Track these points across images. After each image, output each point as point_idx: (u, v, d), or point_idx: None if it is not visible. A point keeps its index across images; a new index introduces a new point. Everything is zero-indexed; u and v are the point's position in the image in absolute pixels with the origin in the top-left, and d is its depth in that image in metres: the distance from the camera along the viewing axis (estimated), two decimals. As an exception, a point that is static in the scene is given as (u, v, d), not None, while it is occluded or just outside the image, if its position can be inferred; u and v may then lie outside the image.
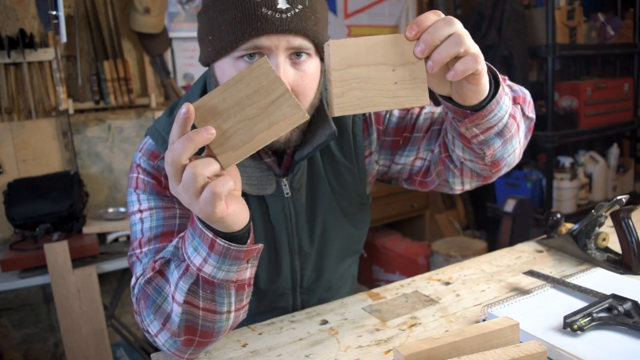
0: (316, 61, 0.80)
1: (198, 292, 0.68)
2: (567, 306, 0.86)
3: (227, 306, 0.70)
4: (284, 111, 0.60)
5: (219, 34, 0.76)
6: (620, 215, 1.01)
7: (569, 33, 2.83)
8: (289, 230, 0.93)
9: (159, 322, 0.72)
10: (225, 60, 0.78)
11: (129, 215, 0.88)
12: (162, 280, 0.72)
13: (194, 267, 0.66)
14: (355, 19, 3.09)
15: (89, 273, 1.87)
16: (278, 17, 0.72)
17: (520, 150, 0.87)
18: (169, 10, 2.46)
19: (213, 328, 0.72)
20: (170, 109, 0.92)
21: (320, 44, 0.78)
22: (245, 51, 0.74)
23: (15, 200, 2.00)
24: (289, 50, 0.75)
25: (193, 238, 0.66)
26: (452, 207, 3.54)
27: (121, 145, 2.42)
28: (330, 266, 1.00)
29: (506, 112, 0.73)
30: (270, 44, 0.73)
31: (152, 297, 0.72)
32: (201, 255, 0.65)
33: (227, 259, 0.65)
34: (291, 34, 0.73)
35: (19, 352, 2.27)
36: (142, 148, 0.90)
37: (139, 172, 0.87)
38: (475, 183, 0.92)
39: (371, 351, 0.79)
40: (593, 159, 3.17)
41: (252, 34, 0.72)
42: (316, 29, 0.76)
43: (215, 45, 0.77)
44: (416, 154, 0.96)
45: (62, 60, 2.21)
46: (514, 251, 1.19)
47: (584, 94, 3.00)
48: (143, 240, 0.82)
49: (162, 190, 0.85)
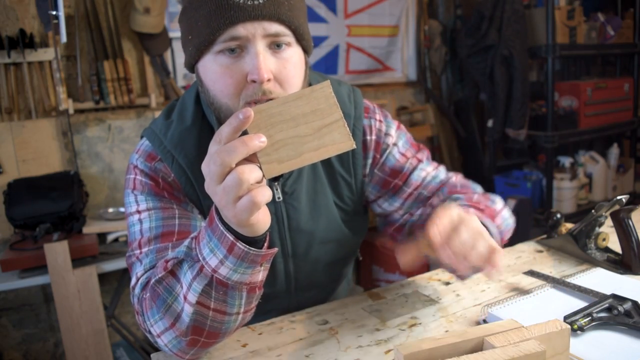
0: (298, 50, 0.80)
1: (211, 293, 0.68)
2: (567, 306, 0.86)
3: (237, 308, 0.71)
4: (334, 137, 0.62)
5: (197, 31, 0.76)
6: (620, 215, 1.01)
7: (569, 33, 2.83)
8: (282, 233, 0.92)
9: (167, 322, 0.72)
10: (206, 57, 0.78)
11: (126, 217, 0.87)
12: (173, 280, 0.72)
13: (208, 269, 0.66)
14: (355, 19, 3.09)
15: (89, 273, 1.87)
16: (250, 4, 0.72)
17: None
18: (169, 10, 2.46)
19: (220, 329, 0.72)
20: (167, 112, 0.92)
21: (298, 31, 0.78)
22: (224, 44, 0.74)
23: (15, 200, 2.00)
24: (267, 38, 0.75)
25: (210, 239, 0.66)
26: (452, 207, 3.54)
27: (121, 145, 2.42)
28: (325, 269, 1.00)
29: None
30: (246, 33, 0.73)
31: (163, 297, 0.72)
32: (218, 257, 0.65)
33: (245, 262, 0.66)
34: (265, 19, 0.73)
35: (19, 352, 2.27)
36: (138, 149, 0.90)
37: (136, 173, 0.87)
38: None
39: (371, 351, 0.79)
40: (593, 159, 3.17)
41: (227, 23, 0.72)
42: (290, 14, 0.76)
43: (195, 43, 0.77)
44: (399, 207, 0.99)
45: (62, 60, 2.21)
46: (514, 251, 1.19)
47: (584, 94, 3.00)
48: (143, 240, 0.82)
49: (160, 192, 0.85)
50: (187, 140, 0.85)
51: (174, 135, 0.86)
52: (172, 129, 0.87)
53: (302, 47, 0.82)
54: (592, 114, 3.06)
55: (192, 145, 0.85)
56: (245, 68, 0.75)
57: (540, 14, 2.82)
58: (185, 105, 0.90)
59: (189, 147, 0.85)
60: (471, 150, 3.51)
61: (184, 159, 0.84)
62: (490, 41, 2.86)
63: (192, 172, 0.85)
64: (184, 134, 0.86)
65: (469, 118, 3.46)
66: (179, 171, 0.85)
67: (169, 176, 0.86)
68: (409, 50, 3.38)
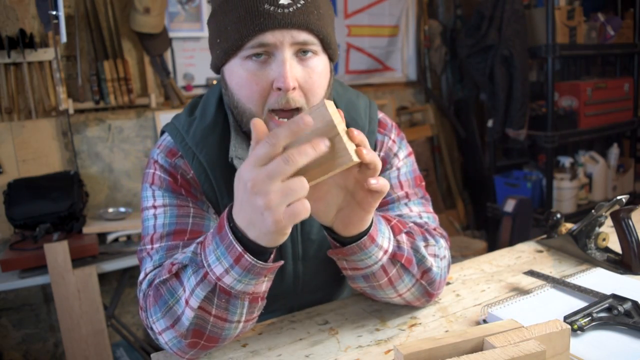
0: (324, 59, 0.81)
1: (213, 299, 0.68)
2: (567, 306, 0.86)
3: (239, 316, 0.71)
4: (334, 154, 0.61)
5: (225, 35, 0.76)
6: (620, 215, 1.01)
7: (569, 33, 2.83)
8: (295, 238, 0.92)
9: (167, 323, 0.72)
10: (233, 61, 0.78)
11: (141, 210, 0.87)
12: (176, 282, 0.72)
13: (212, 276, 0.66)
14: (355, 19, 3.10)
15: (89, 273, 1.87)
16: (280, 12, 0.73)
17: (407, 301, 0.87)
18: (169, 10, 2.46)
19: (220, 334, 0.73)
20: (190, 108, 0.92)
21: (325, 40, 0.78)
22: (251, 49, 0.75)
23: (15, 200, 2.00)
24: (295, 46, 0.75)
25: (217, 247, 0.66)
26: (452, 207, 3.54)
27: (121, 145, 2.42)
28: (332, 272, 1.00)
29: (375, 263, 0.76)
30: (275, 40, 0.74)
31: (165, 298, 0.72)
32: (223, 265, 0.65)
33: (250, 274, 0.66)
34: (294, 28, 0.74)
35: (19, 352, 2.27)
36: (160, 145, 0.90)
37: (155, 168, 0.87)
38: None
39: (371, 351, 0.79)
40: (593, 159, 3.17)
41: (257, 30, 0.73)
42: (319, 23, 0.77)
43: (223, 47, 0.77)
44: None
45: (62, 60, 2.21)
46: (514, 251, 1.19)
47: (584, 94, 3.01)
48: (155, 236, 0.82)
49: (177, 189, 0.85)
50: (209, 138, 0.85)
51: (196, 133, 0.86)
52: (194, 126, 0.87)
53: (328, 56, 0.82)
54: (592, 114, 3.06)
55: (214, 143, 0.85)
56: (271, 75, 0.75)
57: (540, 14, 2.82)
58: (209, 104, 0.90)
59: (211, 145, 0.85)
60: (471, 150, 3.52)
61: (205, 156, 0.84)
62: (490, 41, 2.86)
63: (212, 170, 0.85)
64: (206, 132, 0.86)
65: (469, 118, 3.46)
66: (199, 169, 0.85)
67: (188, 173, 0.86)
68: (409, 50, 3.39)
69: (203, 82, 2.60)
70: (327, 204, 0.69)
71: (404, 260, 0.79)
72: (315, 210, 0.69)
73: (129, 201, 2.45)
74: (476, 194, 3.60)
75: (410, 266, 0.81)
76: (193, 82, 2.58)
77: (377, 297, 0.87)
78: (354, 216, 0.69)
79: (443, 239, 0.90)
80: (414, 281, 0.83)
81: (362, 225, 0.70)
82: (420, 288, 0.85)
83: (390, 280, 0.80)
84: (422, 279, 0.84)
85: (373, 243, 0.74)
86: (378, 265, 0.77)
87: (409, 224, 0.85)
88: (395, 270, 0.80)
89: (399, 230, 0.80)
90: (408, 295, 0.85)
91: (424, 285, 0.85)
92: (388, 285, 0.81)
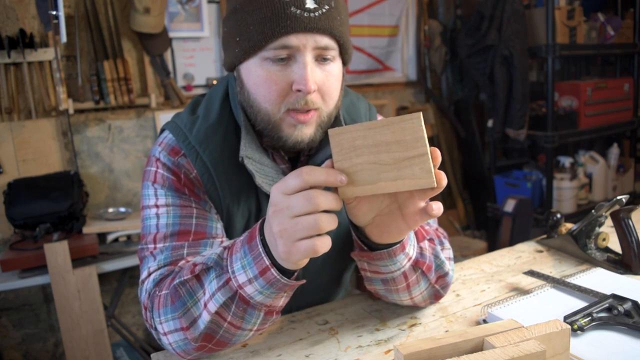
0: (339, 63, 0.82)
1: (231, 306, 0.69)
2: (567, 306, 0.86)
3: (252, 325, 0.72)
4: (415, 171, 0.59)
5: (247, 34, 0.76)
6: (620, 215, 1.01)
7: (569, 33, 2.83)
8: None
9: (181, 324, 0.72)
10: (252, 61, 0.78)
11: (141, 208, 0.86)
12: (197, 284, 0.72)
13: (235, 283, 0.67)
14: (355, 19, 3.09)
15: (89, 273, 1.87)
16: (307, 16, 0.73)
17: (415, 303, 0.88)
18: (169, 10, 2.46)
19: (230, 340, 0.73)
20: (192, 107, 0.91)
21: (344, 46, 0.79)
22: (273, 50, 0.75)
23: (15, 200, 2.00)
24: (316, 50, 0.76)
25: (245, 256, 0.66)
26: (452, 207, 3.54)
27: (121, 145, 2.42)
28: (332, 273, 1.00)
29: (399, 269, 0.77)
30: (298, 43, 0.74)
31: (184, 299, 0.72)
32: (248, 275, 0.66)
33: (272, 288, 0.67)
34: (318, 33, 0.74)
35: (19, 352, 2.27)
36: (161, 142, 0.88)
37: (158, 166, 0.86)
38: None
39: (371, 351, 0.79)
40: (593, 159, 3.17)
41: (282, 32, 0.73)
42: (341, 28, 0.78)
43: (243, 46, 0.77)
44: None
45: (62, 60, 2.21)
46: (514, 251, 1.19)
47: (584, 94, 3.01)
48: (159, 236, 0.81)
49: (180, 187, 0.84)
50: (212, 138, 0.85)
51: (199, 132, 0.85)
52: (197, 125, 0.86)
53: (343, 60, 0.83)
54: (592, 114, 3.06)
55: (218, 143, 0.85)
56: (291, 77, 0.76)
57: (540, 14, 2.82)
58: (213, 103, 0.89)
59: (214, 145, 0.84)
60: (471, 150, 3.51)
61: (208, 156, 0.84)
62: (490, 41, 2.86)
63: (216, 170, 0.84)
64: (210, 131, 0.85)
65: (469, 118, 3.46)
66: (202, 168, 0.84)
67: (191, 172, 0.85)
68: (409, 50, 3.38)
69: (203, 82, 2.60)
70: (370, 207, 0.68)
71: (425, 267, 0.81)
72: (354, 211, 0.68)
73: (129, 201, 2.45)
74: (476, 194, 3.60)
75: (429, 272, 0.82)
76: (193, 82, 2.58)
77: (388, 299, 0.88)
78: (394, 227, 0.69)
79: (446, 240, 0.91)
80: (428, 285, 0.85)
81: (399, 237, 0.70)
82: (432, 291, 0.87)
83: (408, 285, 0.82)
84: (437, 283, 0.86)
85: (402, 252, 0.75)
86: (400, 271, 0.77)
87: (430, 231, 0.86)
88: (415, 277, 0.81)
89: (422, 237, 0.82)
90: (418, 298, 0.86)
91: (436, 289, 0.86)
92: (405, 290, 0.82)
